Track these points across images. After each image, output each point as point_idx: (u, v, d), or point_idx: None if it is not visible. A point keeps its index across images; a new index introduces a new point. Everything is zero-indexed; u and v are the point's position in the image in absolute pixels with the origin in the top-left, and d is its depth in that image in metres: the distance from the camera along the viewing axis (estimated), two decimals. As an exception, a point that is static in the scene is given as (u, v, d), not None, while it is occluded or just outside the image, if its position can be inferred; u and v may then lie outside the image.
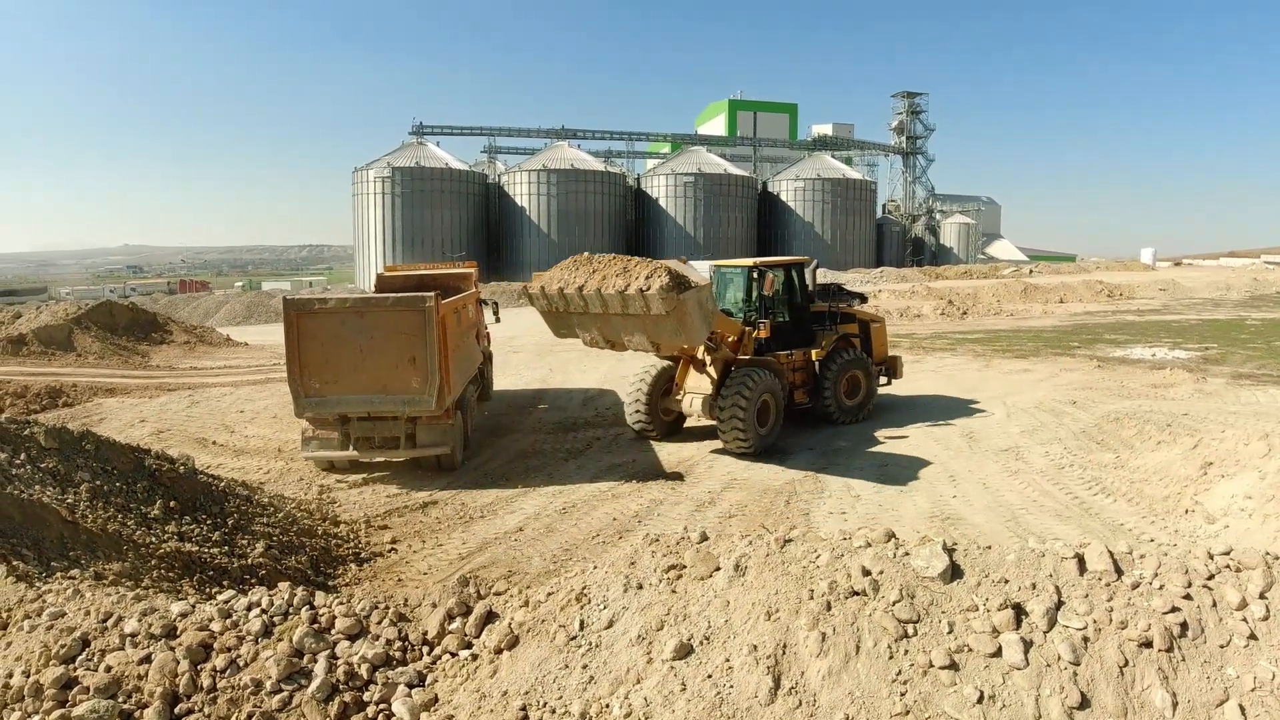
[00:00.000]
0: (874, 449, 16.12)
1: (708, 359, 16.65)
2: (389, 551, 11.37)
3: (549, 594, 6.39)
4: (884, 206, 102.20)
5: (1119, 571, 5.54)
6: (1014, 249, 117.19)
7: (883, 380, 19.60)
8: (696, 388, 16.73)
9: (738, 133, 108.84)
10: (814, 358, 17.78)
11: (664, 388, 17.30)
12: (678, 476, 14.60)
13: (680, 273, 13.28)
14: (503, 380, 23.94)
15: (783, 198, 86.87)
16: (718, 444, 16.59)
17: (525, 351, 31.36)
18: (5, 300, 69.85)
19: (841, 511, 12.60)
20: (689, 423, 17.80)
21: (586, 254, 14.58)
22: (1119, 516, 11.95)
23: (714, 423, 16.06)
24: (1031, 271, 72.83)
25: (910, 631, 5.29)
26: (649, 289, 12.78)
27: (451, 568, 10.65)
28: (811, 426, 17.74)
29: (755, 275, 17.19)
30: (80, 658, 5.91)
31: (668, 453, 16.15)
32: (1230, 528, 10.51)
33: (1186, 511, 11.57)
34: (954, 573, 5.62)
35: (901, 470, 14.66)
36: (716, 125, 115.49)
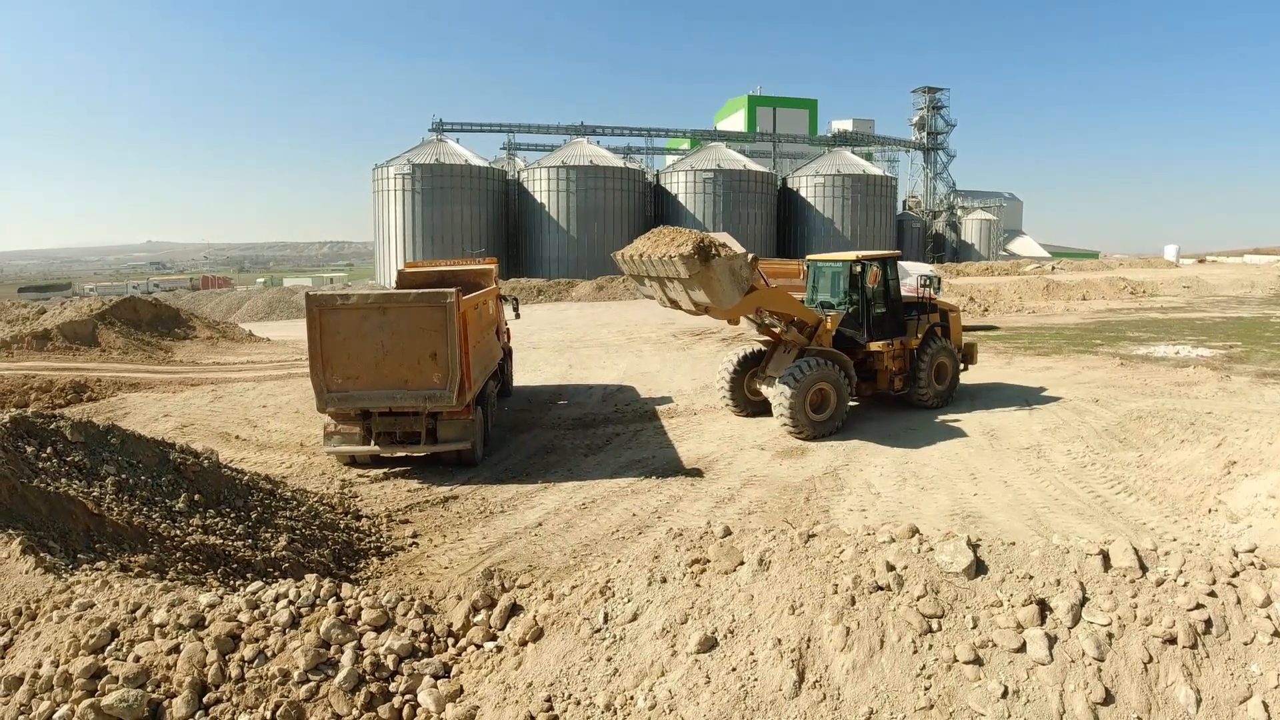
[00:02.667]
0: (894, 446, 16.07)
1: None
2: (410, 545, 11.44)
3: (573, 587, 6.42)
4: (904, 203, 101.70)
5: (1143, 568, 5.52)
6: (1036, 245, 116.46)
7: (960, 366, 20.28)
8: (775, 370, 17.86)
9: (757, 128, 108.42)
10: (911, 346, 18.80)
11: (751, 369, 18.69)
12: (697, 473, 14.62)
13: (716, 243, 15.02)
14: (523, 376, 24.02)
15: (802, 194, 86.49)
16: (739, 440, 16.67)
17: (545, 348, 31.43)
18: (31, 296, 70.59)
19: (862, 509, 12.58)
20: None
21: (664, 227, 16.46)
22: (1141, 515, 11.87)
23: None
24: (1054, 268, 72.28)
25: (934, 626, 5.29)
26: (675, 255, 14.62)
27: (472, 562, 10.72)
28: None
29: (860, 269, 18.43)
30: (109, 648, 5.98)
31: (687, 449, 16.17)
32: (1254, 527, 10.40)
33: (1210, 511, 11.48)
34: (978, 568, 5.62)
35: (922, 468, 14.61)
36: (736, 121, 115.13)
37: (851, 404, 18.80)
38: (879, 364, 18.55)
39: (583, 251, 76.44)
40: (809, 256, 20.73)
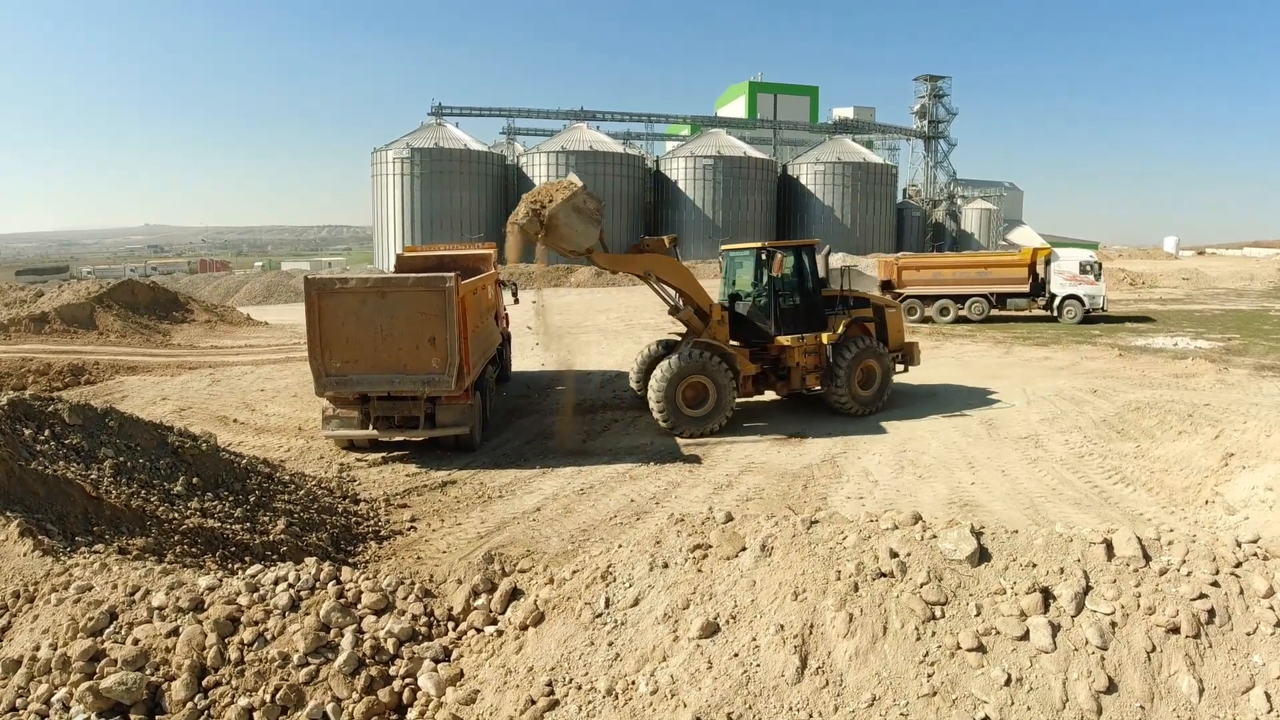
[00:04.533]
0: (892, 435, 16.07)
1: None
2: (408, 530, 11.43)
3: (574, 571, 6.41)
4: (905, 191, 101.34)
5: (1147, 558, 5.51)
6: (1035, 236, 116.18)
7: (899, 368, 18.92)
8: None
9: (758, 115, 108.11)
10: (825, 341, 17.27)
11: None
12: (695, 459, 14.61)
13: (560, 186, 15.20)
14: (521, 361, 23.97)
15: (802, 181, 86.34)
16: (737, 427, 16.64)
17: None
18: (28, 279, 70.39)
19: (859, 497, 12.58)
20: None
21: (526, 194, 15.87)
22: (1139, 506, 11.89)
23: None
24: (1052, 258, 72.07)
25: (937, 614, 5.27)
26: (514, 225, 14.77)
27: (470, 547, 10.71)
28: (828, 412, 17.67)
29: (764, 256, 17.27)
30: (108, 631, 5.96)
31: (686, 436, 16.14)
32: (1250, 519, 10.40)
33: (1207, 502, 11.49)
34: (981, 556, 5.60)
35: (920, 456, 14.61)
36: (736, 107, 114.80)
37: (768, 398, 18.32)
38: (790, 360, 17.30)
39: (582, 238, 76.12)
40: (723, 246, 19.57)
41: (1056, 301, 35.25)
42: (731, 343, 17.32)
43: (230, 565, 8.39)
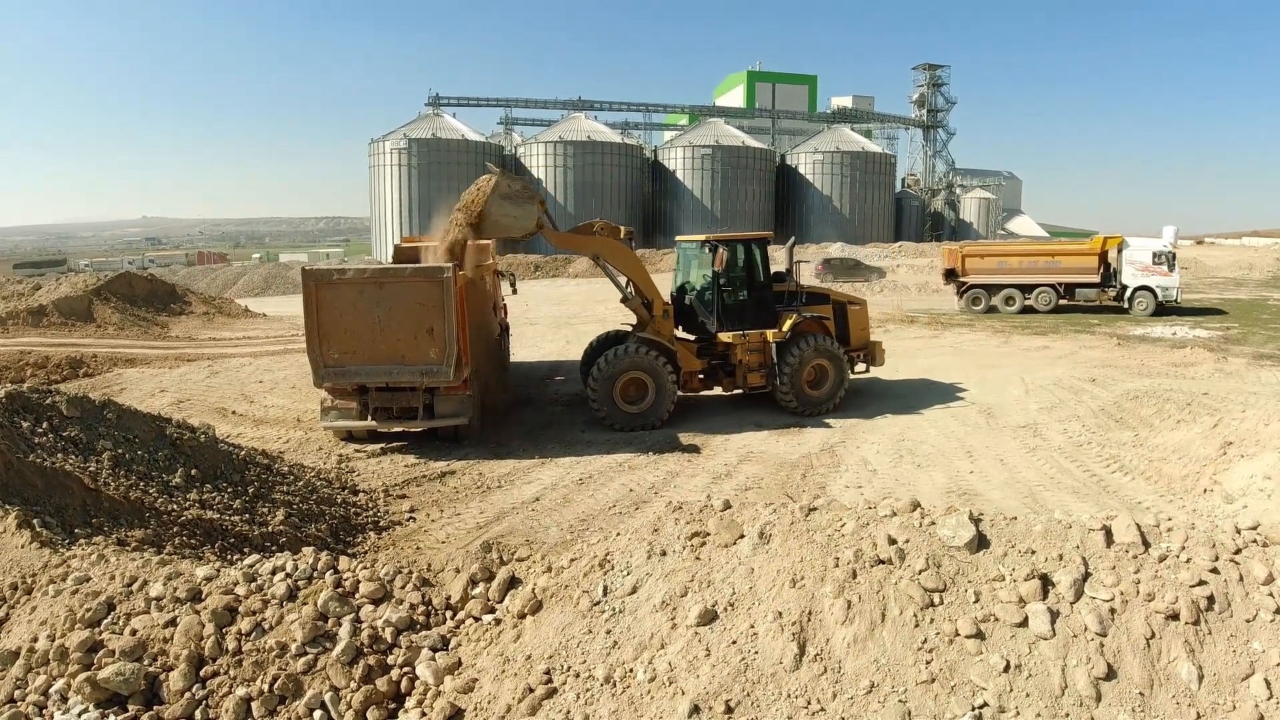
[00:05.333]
0: (891, 425, 16.05)
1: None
2: (407, 520, 11.42)
3: (572, 560, 6.41)
4: (903, 180, 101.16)
5: (1146, 544, 5.50)
6: (1034, 225, 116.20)
7: (860, 367, 18.31)
8: None
9: (756, 104, 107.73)
10: (770, 339, 16.70)
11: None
12: (694, 449, 14.60)
13: (484, 182, 15.51)
14: (520, 352, 23.94)
15: (801, 170, 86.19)
16: (735, 417, 16.62)
17: (542, 324, 31.39)
18: (26, 272, 70.30)
19: (858, 486, 12.58)
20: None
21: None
22: (1137, 495, 11.89)
23: None
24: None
25: (936, 600, 5.27)
26: (451, 240, 15.13)
27: (469, 537, 10.69)
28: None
29: (708, 250, 16.83)
30: (105, 621, 5.96)
31: (684, 425, 16.13)
32: (1249, 507, 10.39)
33: (1205, 491, 11.48)
34: (980, 543, 5.59)
35: (918, 446, 14.60)
36: (735, 97, 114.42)
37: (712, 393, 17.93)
38: (735, 357, 16.80)
39: (580, 228, 76.02)
40: (678, 237, 19.21)
41: (1128, 293, 33.99)
42: (682, 337, 17.15)
43: (229, 556, 8.37)
